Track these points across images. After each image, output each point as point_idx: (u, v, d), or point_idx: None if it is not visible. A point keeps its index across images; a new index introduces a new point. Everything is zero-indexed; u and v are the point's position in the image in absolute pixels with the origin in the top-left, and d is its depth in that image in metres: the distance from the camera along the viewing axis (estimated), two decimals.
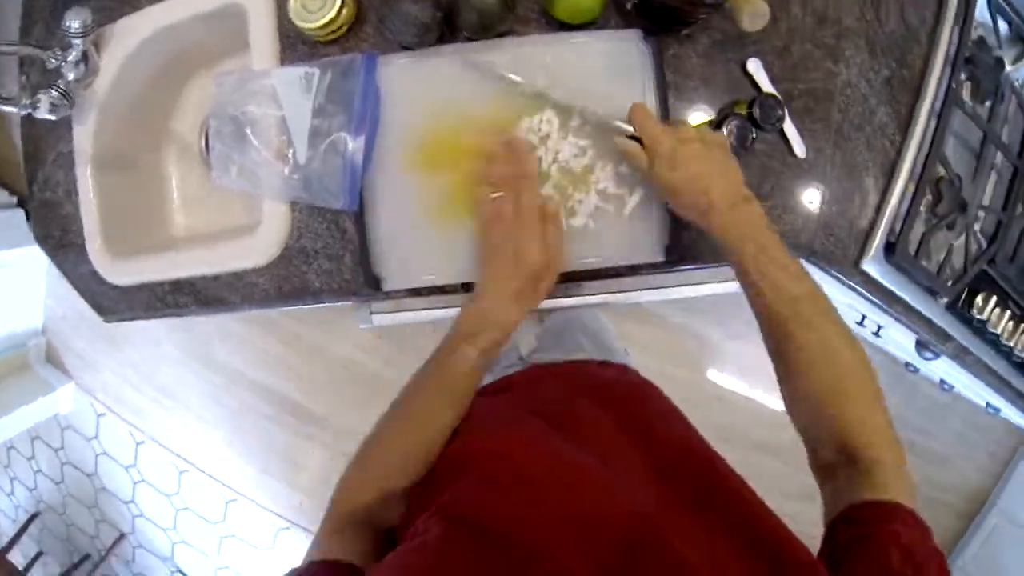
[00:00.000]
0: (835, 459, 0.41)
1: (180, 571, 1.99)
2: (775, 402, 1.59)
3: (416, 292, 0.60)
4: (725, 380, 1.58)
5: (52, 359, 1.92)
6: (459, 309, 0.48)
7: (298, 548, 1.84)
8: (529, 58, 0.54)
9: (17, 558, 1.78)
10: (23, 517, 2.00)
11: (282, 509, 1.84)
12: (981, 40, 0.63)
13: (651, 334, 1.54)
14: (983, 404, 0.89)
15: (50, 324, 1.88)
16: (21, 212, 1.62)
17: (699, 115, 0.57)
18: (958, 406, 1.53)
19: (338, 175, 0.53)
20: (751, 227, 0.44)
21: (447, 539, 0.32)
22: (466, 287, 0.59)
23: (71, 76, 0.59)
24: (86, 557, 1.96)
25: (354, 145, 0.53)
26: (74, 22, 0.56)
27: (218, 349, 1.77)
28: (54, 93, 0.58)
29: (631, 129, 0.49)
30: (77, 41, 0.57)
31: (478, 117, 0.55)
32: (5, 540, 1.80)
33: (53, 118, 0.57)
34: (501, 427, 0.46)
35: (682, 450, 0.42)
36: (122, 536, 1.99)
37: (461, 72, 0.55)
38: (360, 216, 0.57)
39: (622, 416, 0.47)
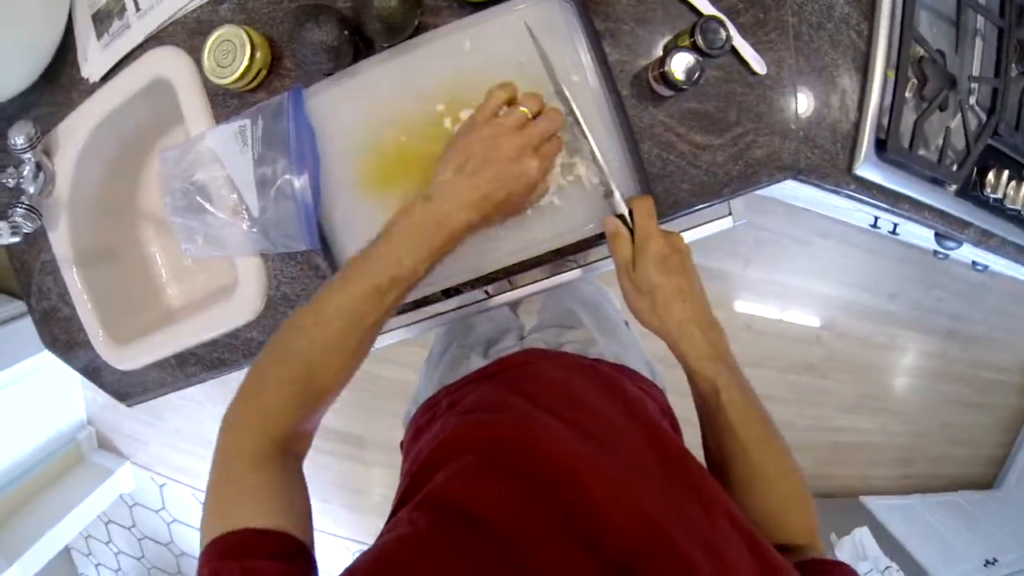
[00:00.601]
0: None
1: None
2: (805, 318, 1.57)
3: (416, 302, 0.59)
4: (753, 308, 1.55)
5: (104, 445, 2.01)
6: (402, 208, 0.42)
7: None
8: (449, 48, 0.52)
9: None
10: None
11: (354, 534, 1.90)
12: None
13: None
14: (1022, 277, 0.83)
15: (94, 413, 1.97)
16: None
17: (643, 59, 0.54)
18: (995, 283, 1.46)
19: (293, 218, 0.53)
20: (725, 350, 0.45)
21: (436, 528, 0.32)
22: (446, 292, 0.58)
23: (32, 190, 0.60)
24: None
25: (300, 184, 0.52)
26: (18, 138, 0.57)
27: None
28: (19, 211, 0.59)
29: (625, 208, 0.48)
30: (27, 155, 0.58)
31: (414, 119, 0.53)
32: None
33: (18, 240, 0.58)
34: (494, 414, 0.46)
35: (679, 452, 0.42)
36: None
37: (386, 81, 0.53)
38: (327, 251, 0.56)
39: (622, 405, 0.47)
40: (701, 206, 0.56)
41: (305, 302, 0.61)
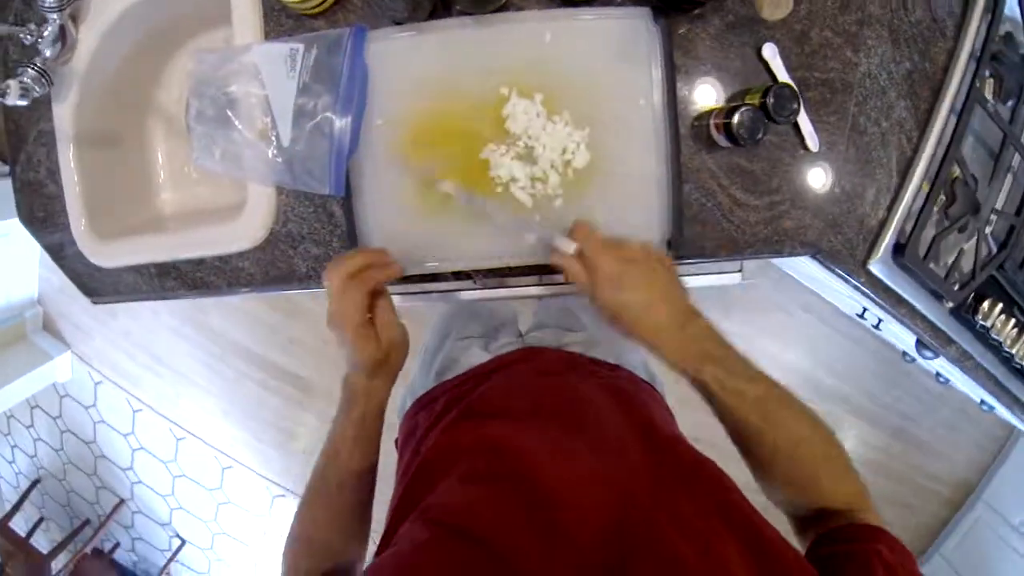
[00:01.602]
0: (814, 517, 0.42)
1: (178, 536, 2.05)
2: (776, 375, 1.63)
3: (406, 278, 0.58)
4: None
5: (49, 328, 1.92)
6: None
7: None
8: (526, 35, 0.51)
9: (19, 524, 1.82)
10: (24, 484, 2.04)
11: (277, 476, 1.88)
12: (1009, 36, 0.59)
13: None
14: (977, 400, 0.88)
15: (46, 294, 1.88)
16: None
17: (709, 102, 0.54)
18: (951, 396, 1.54)
19: (323, 159, 0.51)
20: (705, 343, 0.44)
21: (431, 542, 0.32)
22: (456, 275, 0.57)
23: (48, 53, 0.56)
24: (86, 522, 2.01)
25: (340, 126, 0.50)
26: None
27: (213, 317, 1.77)
28: (30, 73, 0.54)
29: (573, 247, 0.46)
30: (54, 15, 0.54)
31: (471, 93, 0.52)
32: (8, 507, 1.84)
33: (25, 104, 0.54)
34: (491, 416, 0.46)
35: (676, 449, 0.42)
36: (121, 502, 2.03)
37: (455, 48, 0.51)
38: (348, 201, 0.55)
39: (618, 405, 0.47)
40: (723, 259, 0.57)
41: (311, 245, 0.59)
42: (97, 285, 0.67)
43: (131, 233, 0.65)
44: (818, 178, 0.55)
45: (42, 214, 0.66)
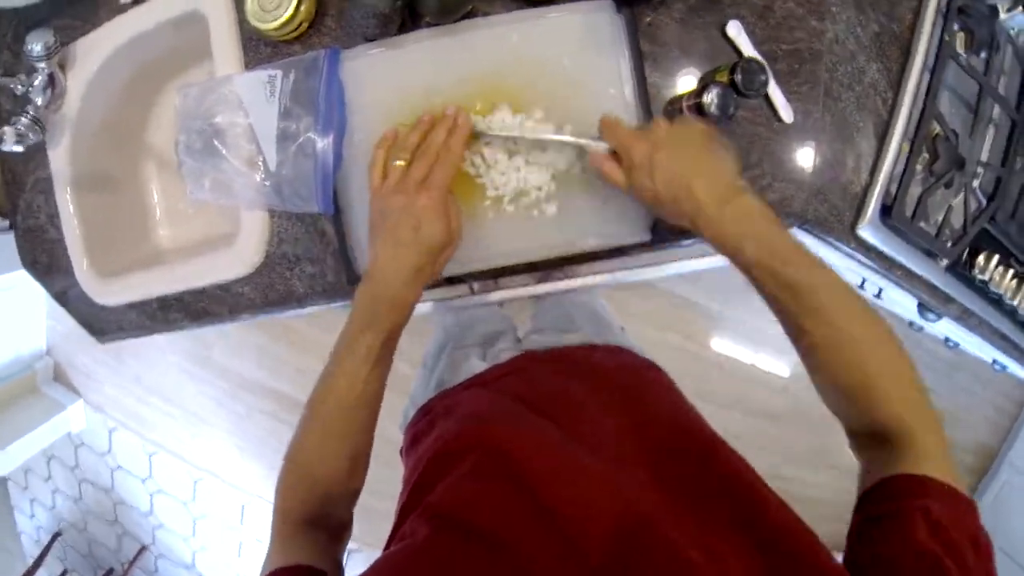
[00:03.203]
0: (869, 436, 0.39)
1: None
2: (775, 367, 1.61)
3: None
4: (726, 348, 1.58)
5: (60, 378, 1.93)
6: (357, 292, 0.45)
7: None
8: (494, 39, 0.52)
9: None
10: (46, 538, 2.03)
11: None
12: None
13: (650, 306, 1.53)
14: (989, 361, 0.87)
15: (54, 344, 1.90)
16: (13, 235, 1.62)
17: (680, 86, 0.55)
18: (964, 362, 1.52)
19: (309, 178, 0.52)
20: (747, 223, 0.41)
21: (434, 539, 0.32)
22: (450, 280, 0.58)
23: (39, 101, 0.58)
24: (110, 572, 1.99)
25: (323, 146, 0.52)
26: (36, 45, 0.55)
27: (218, 353, 1.78)
28: (23, 121, 0.56)
29: (604, 146, 0.46)
30: (42, 64, 0.56)
31: (448, 102, 0.53)
32: (30, 562, 1.83)
33: (21, 150, 0.56)
34: (491, 420, 0.46)
35: (682, 436, 0.41)
36: (143, 548, 2.02)
37: (426, 59, 0.53)
38: (338, 217, 0.56)
39: (617, 402, 0.46)
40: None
41: (307, 264, 0.60)
42: (103, 325, 0.68)
43: (132, 270, 0.67)
44: (797, 149, 0.56)
45: (45, 259, 0.68)
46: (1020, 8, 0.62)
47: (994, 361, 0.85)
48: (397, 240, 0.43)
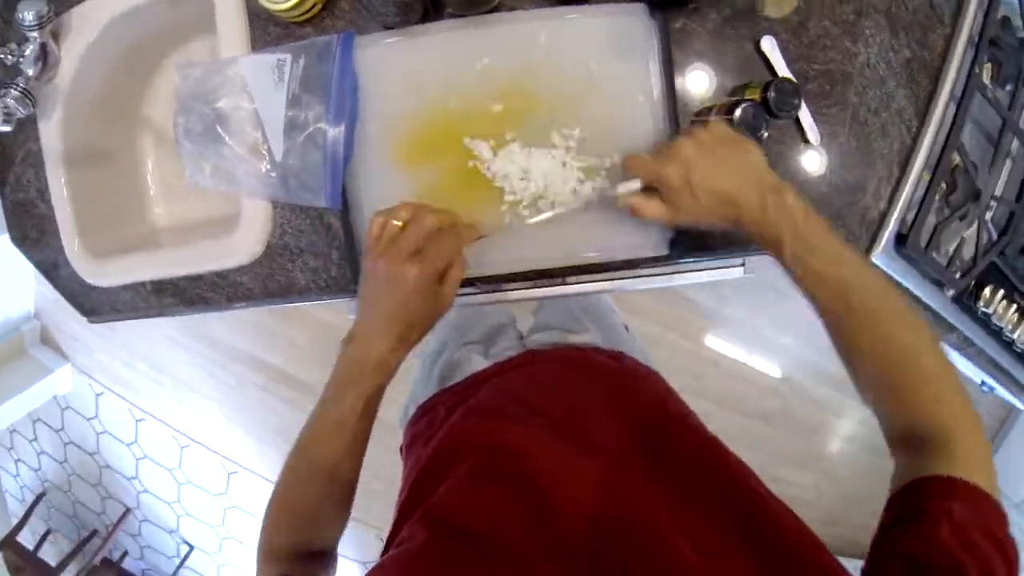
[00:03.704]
0: (904, 435, 0.39)
1: (186, 542, 2.06)
2: (770, 368, 1.64)
3: None
4: (722, 346, 1.60)
5: (47, 342, 1.91)
6: (340, 349, 0.45)
7: None
8: (520, 36, 0.50)
9: (27, 538, 1.82)
10: (30, 498, 2.04)
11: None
12: (1006, 20, 0.58)
13: (650, 301, 1.54)
14: (978, 381, 0.89)
15: (43, 308, 1.86)
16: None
17: (709, 97, 0.53)
18: None
19: (318, 170, 0.50)
20: (787, 222, 0.40)
21: (433, 544, 0.32)
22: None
23: (30, 72, 0.55)
24: (94, 533, 2.01)
25: (333, 137, 0.49)
26: (28, 13, 0.52)
27: (213, 325, 1.76)
28: (12, 93, 0.53)
29: (637, 183, 0.45)
30: (34, 34, 0.53)
31: (467, 98, 0.51)
32: (15, 522, 1.84)
33: (8, 129, 0.52)
34: (492, 419, 0.45)
35: (681, 440, 0.42)
36: (127, 511, 2.04)
37: (447, 52, 0.50)
38: (345, 211, 0.54)
39: (618, 403, 0.46)
40: (726, 256, 0.57)
41: (310, 257, 0.59)
42: (93, 304, 0.66)
43: (126, 250, 0.64)
44: (820, 170, 0.55)
45: (35, 234, 0.65)
46: None
47: (982, 382, 0.87)
48: (380, 308, 0.42)
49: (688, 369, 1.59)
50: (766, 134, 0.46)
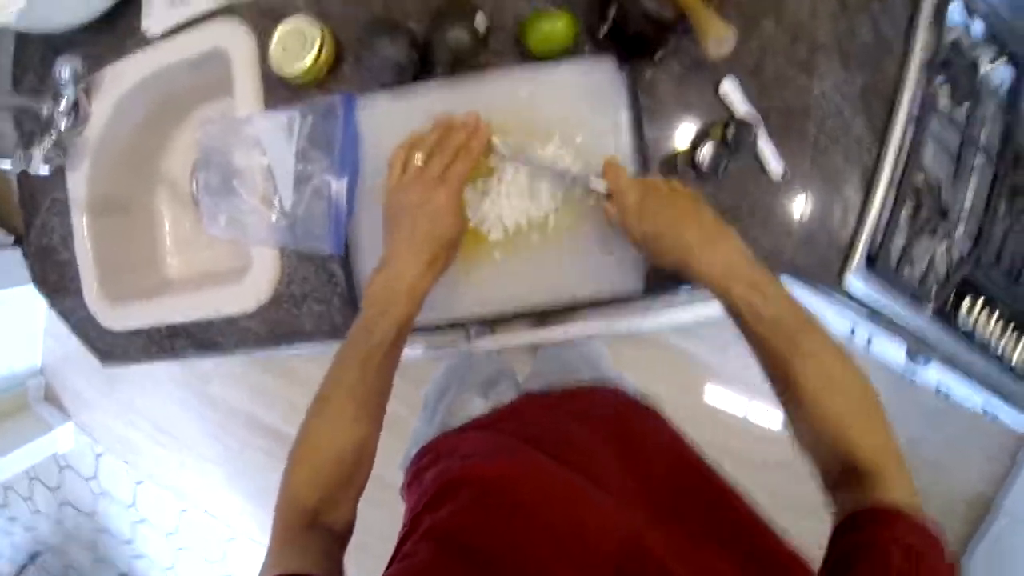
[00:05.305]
0: (842, 476, 0.41)
1: None
2: (769, 420, 1.60)
3: None
4: (720, 399, 1.58)
5: (51, 398, 1.90)
6: (369, 278, 0.46)
7: None
8: (504, 92, 0.55)
9: None
10: (22, 559, 1.96)
11: None
12: (956, 43, 0.62)
13: (644, 355, 1.51)
14: (980, 410, 0.88)
15: (49, 363, 1.87)
16: (18, 251, 1.61)
17: (677, 140, 0.58)
18: (954, 412, 1.52)
19: (323, 219, 0.54)
20: (734, 264, 0.43)
21: (436, 560, 0.33)
22: (453, 326, 0.59)
23: (63, 124, 0.60)
24: None
25: (337, 188, 0.54)
26: (64, 70, 0.57)
27: (215, 386, 1.76)
28: (47, 142, 0.58)
29: (604, 185, 0.50)
30: (68, 89, 0.58)
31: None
32: None
33: (46, 173, 0.57)
34: (493, 456, 0.46)
35: (675, 468, 0.43)
36: None
37: (437, 109, 0.56)
38: (346, 258, 0.58)
39: (616, 438, 0.47)
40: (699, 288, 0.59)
41: (314, 303, 0.62)
42: (108, 348, 0.69)
43: (141, 297, 0.68)
44: (786, 200, 0.58)
45: (56, 279, 0.69)
46: (1000, 62, 0.65)
47: (985, 411, 0.86)
48: (415, 231, 0.45)
49: (689, 419, 1.55)
50: (726, 163, 0.50)
